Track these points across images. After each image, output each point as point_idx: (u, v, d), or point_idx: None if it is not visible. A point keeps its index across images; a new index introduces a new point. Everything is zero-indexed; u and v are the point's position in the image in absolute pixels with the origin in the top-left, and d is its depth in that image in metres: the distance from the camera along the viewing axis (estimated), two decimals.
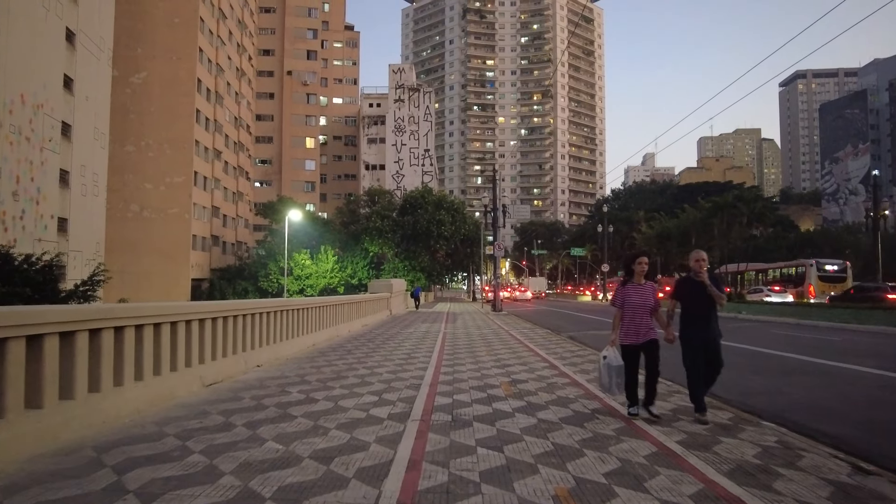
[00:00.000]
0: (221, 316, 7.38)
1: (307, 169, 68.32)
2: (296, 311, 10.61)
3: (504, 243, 26.94)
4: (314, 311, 11.83)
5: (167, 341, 6.03)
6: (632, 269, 5.42)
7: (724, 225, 30.32)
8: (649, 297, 5.35)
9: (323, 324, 12.60)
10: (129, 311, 5.32)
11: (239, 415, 5.28)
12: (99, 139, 36.38)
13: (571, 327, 18.67)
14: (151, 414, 5.23)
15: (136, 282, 43.74)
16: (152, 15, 44.62)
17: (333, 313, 13.53)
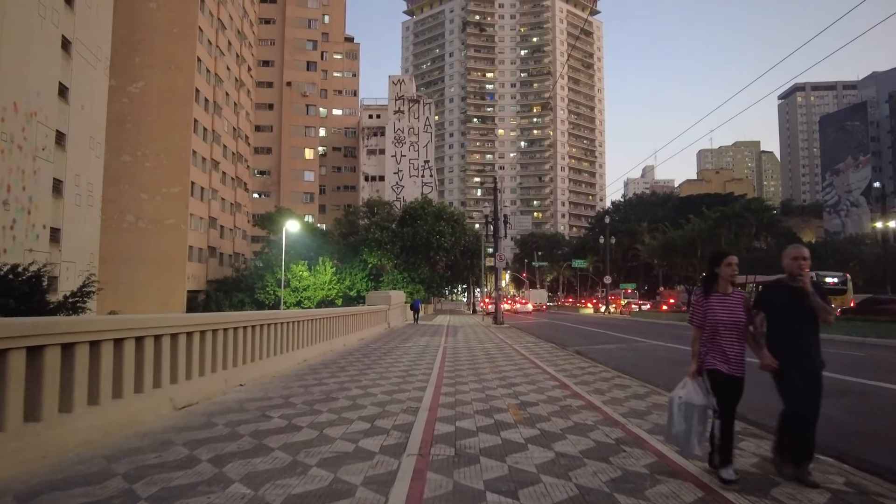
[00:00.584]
0: (198, 330, 6.66)
1: (306, 180, 67.79)
2: (285, 324, 9.88)
3: (504, 255, 26.25)
4: (306, 324, 11.10)
5: (131, 359, 5.30)
6: (716, 272, 4.04)
7: (731, 235, 29.65)
8: (740, 313, 3.91)
9: (316, 338, 11.87)
10: (79, 326, 4.60)
11: (207, 446, 4.54)
12: (94, 148, 35.84)
13: (577, 341, 17.92)
14: (104, 445, 4.49)
15: (130, 293, 42.98)
16: (151, 24, 44.32)
17: (327, 326, 12.79)
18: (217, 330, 7.21)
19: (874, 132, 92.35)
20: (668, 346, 15.93)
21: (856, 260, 53.98)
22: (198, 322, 6.71)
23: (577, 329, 25.45)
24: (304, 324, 11.00)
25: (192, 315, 6.73)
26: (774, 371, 3.84)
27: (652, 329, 24.65)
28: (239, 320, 7.93)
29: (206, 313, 6.90)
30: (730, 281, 3.99)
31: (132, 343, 5.31)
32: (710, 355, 3.92)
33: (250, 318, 8.38)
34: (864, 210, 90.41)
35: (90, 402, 4.72)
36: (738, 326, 3.88)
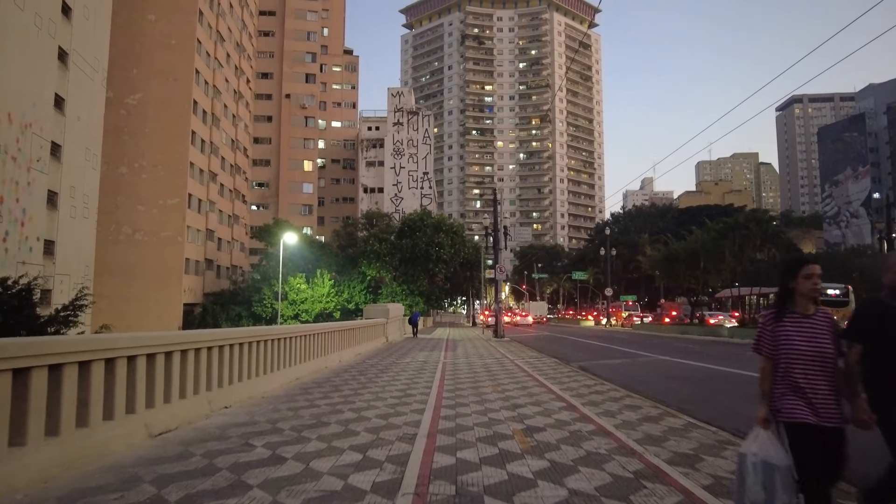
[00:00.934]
0: (178, 349, 6.18)
1: (305, 192, 67.50)
2: (276, 341, 9.39)
3: (505, 267, 25.79)
4: (299, 340, 10.61)
5: (99, 383, 4.83)
6: (792, 286, 3.07)
7: (736, 246, 29.21)
8: (826, 341, 2.95)
9: (309, 354, 11.36)
10: (35, 348, 4.11)
11: (177, 484, 4.05)
12: (91, 160, 35.51)
13: (580, 356, 17.40)
14: (60, 484, 4.00)
15: (126, 307, 42.45)
16: (149, 36, 44.21)
17: (322, 342, 12.29)
18: (200, 349, 6.73)
19: (873, 143, 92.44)
20: (675, 362, 15.42)
21: (858, 271, 53.57)
22: (178, 341, 6.23)
23: (579, 343, 24.93)
24: (297, 340, 10.51)
25: (172, 333, 6.26)
26: (881, 419, 2.89)
27: (655, 343, 24.14)
28: (225, 338, 7.44)
29: (188, 331, 6.42)
30: (811, 298, 3.03)
31: (101, 365, 4.84)
32: (786, 400, 2.94)
33: (238, 336, 7.90)
34: (864, 221, 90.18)
35: (49, 433, 4.23)
36: (824, 359, 2.92)
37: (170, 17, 44.75)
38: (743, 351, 19.22)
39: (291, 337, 10.12)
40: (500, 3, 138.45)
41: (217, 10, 50.39)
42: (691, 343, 23.84)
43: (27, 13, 27.77)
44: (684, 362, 15.11)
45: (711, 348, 20.75)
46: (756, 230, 28.83)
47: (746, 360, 15.80)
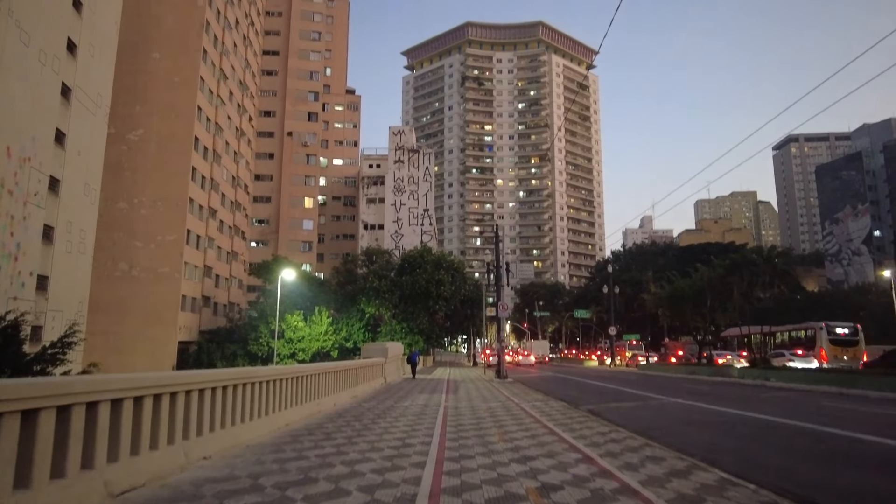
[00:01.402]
0: (150, 394, 5.52)
1: (305, 228, 67.25)
2: (265, 383, 8.68)
3: (507, 304, 25.11)
4: (290, 382, 9.88)
5: (47, 435, 4.16)
6: None
7: (744, 284, 28.52)
8: None
9: (301, 397, 10.61)
10: None
11: None
12: (89, 195, 35.26)
13: (588, 398, 16.56)
14: None
15: (119, 344, 41.53)
16: (153, 74, 44.71)
17: (315, 384, 11.54)
18: (177, 392, 6.05)
19: (871, 181, 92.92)
20: (690, 405, 14.59)
21: (864, 310, 52.73)
22: (150, 384, 5.57)
23: (585, 384, 24.00)
24: (288, 382, 9.78)
25: (143, 375, 5.59)
26: None
27: (664, 384, 23.23)
28: (205, 380, 6.76)
29: (162, 373, 5.77)
30: None
31: (51, 414, 4.18)
32: None
33: (220, 378, 7.21)
34: (866, 259, 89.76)
35: None
36: None
37: (174, 55, 45.37)
38: (756, 392, 18.38)
39: (281, 379, 9.41)
40: (500, 46, 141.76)
41: (221, 49, 51.20)
42: (701, 384, 22.94)
43: (32, 49, 27.95)
44: (699, 406, 14.28)
45: (723, 390, 19.88)
46: (765, 267, 28.16)
47: (762, 402, 14.98)
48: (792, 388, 19.12)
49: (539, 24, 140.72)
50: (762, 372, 21.89)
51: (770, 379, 20.66)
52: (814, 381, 19.20)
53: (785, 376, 20.62)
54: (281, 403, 9.39)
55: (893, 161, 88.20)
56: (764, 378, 20.85)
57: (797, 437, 9.33)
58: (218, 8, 50.42)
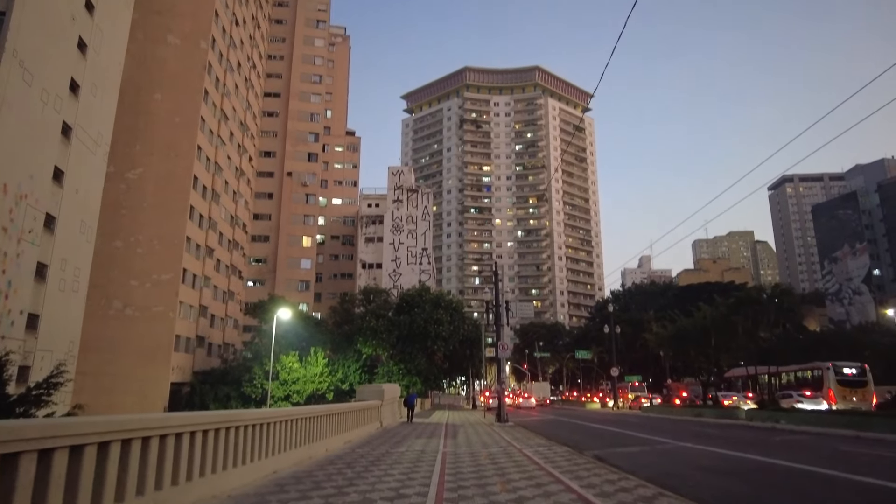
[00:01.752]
0: (118, 438, 5.01)
1: (303, 268, 66.86)
2: (251, 427, 8.12)
3: (507, 344, 24.44)
4: (278, 426, 9.30)
5: None
6: None
7: (749, 323, 27.94)
8: None
9: (291, 442, 10.00)
10: None
11: None
12: (85, 233, 35.01)
13: (593, 443, 15.84)
14: None
15: (110, 384, 40.54)
16: (154, 114, 45.19)
17: (306, 428, 10.92)
18: (150, 437, 5.53)
19: (867, 220, 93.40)
20: (701, 450, 13.90)
21: (868, 349, 51.97)
22: (118, 428, 5.06)
23: (588, 428, 23.17)
24: (277, 426, 9.20)
25: (107, 419, 5.10)
26: None
27: (670, 427, 22.42)
28: (184, 423, 6.25)
29: (130, 416, 5.22)
30: None
31: None
32: None
33: (201, 421, 6.69)
34: (867, 298, 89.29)
35: None
36: None
37: (176, 95, 45.98)
38: (767, 435, 17.64)
39: (269, 422, 8.84)
40: (497, 90, 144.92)
41: (222, 90, 51.99)
42: (708, 427, 22.14)
43: (34, 88, 28.19)
44: (711, 450, 13.60)
45: (732, 433, 19.13)
46: (770, 305, 27.65)
47: (775, 446, 14.31)
48: (804, 430, 18.39)
49: (535, 69, 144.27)
50: (772, 414, 21.12)
51: (780, 421, 19.91)
52: (826, 424, 18.48)
53: (796, 418, 19.87)
54: (268, 449, 8.80)
55: (889, 201, 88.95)
56: (774, 420, 20.09)
57: (817, 485, 8.73)
58: (220, 51, 51.47)
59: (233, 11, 55.12)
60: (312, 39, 73.28)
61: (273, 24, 72.93)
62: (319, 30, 74.60)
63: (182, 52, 47.52)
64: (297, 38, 72.47)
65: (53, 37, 29.63)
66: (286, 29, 73.21)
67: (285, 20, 73.40)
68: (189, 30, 48.16)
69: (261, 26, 67.13)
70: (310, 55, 72.63)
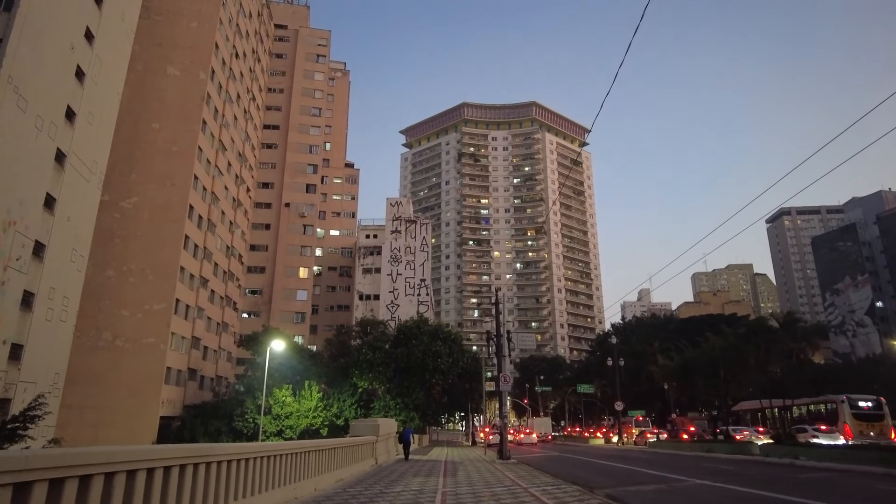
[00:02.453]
0: (59, 476, 4.15)
1: (298, 299, 65.79)
2: (224, 463, 7.19)
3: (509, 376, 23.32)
4: (259, 462, 8.35)
5: None
6: None
7: (760, 352, 26.87)
8: None
9: (274, 480, 9.02)
10: None
11: None
12: (76, 262, 34.21)
13: (603, 480, 14.74)
14: None
15: (97, 418, 39.14)
16: (151, 143, 44.97)
17: (292, 464, 9.94)
18: (92, 475, 4.65)
19: (868, 252, 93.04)
20: (721, 489, 12.84)
21: (878, 382, 50.78)
22: (54, 464, 4.20)
23: (595, 464, 21.94)
24: (257, 462, 8.25)
25: (44, 453, 4.26)
26: None
27: (681, 463, 21.23)
28: (139, 459, 5.36)
29: (73, 449, 4.36)
30: None
31: None
32: None
33: (161, 456, 5.80)
34: (871, 330, 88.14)
35: None
36: None
37: (174, 125, 45.88)
38: (788, 473, 16.52)
39: (248, 458, 7.90)
40: (495, 125, 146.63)
41: (221, 122, 52.00)
42: (722, 463, 20.93)
43: (29, 115, 27.85)
44: (733, 489, 12.54)
45: (749, 469, 17.99)
46: (783, 334, 26.64)
47: (802, 485, 13.26)
48: (828, 467, 17.25)
49: (532, 105, 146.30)
50: (790, 449, 19.94)
51: (799, 457, 18.75)
52: (850, 460, 17.35)
53: (816, 454, 18.70)
54: (248, 488, 7.84)
55: (888, 232, 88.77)
56: (792, 456, 18.92)
57: None
58: (220, 82, 51.71)
59: (233, 44, 55.68)
60: (312, 73, 74.04)
61: (273, 57, 73.82)
62: (319, 64, 75.49)
63: (181, 82, 47.67)
64: (297, 71, 73.24)
65: (51, 65, 29.48)
66: (286, 63, 74.07)
67: (285, 54, 74.33)
68: (189, 61, 48.44)
69: (261, 60, 67.87)
70: (310, 88, 73.26)
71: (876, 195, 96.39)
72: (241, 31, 58.25)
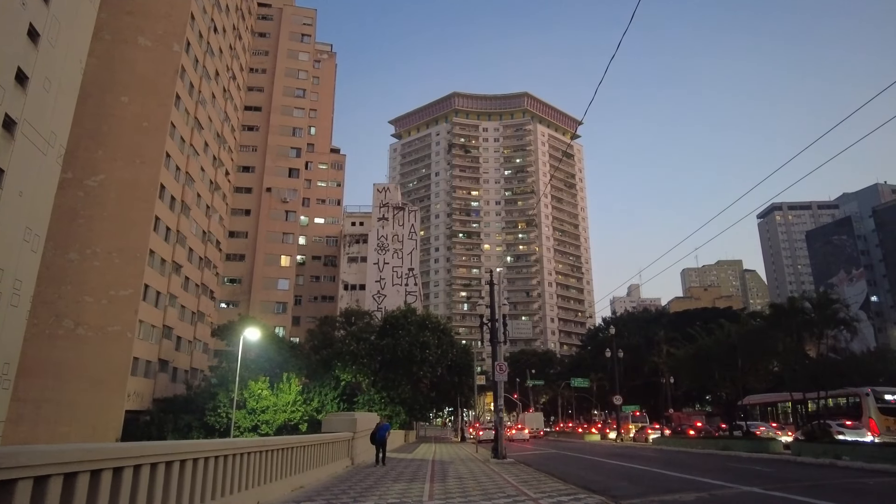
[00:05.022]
0: None
1: (280, 289, 62.76)
2: (139, 468, 4.50)
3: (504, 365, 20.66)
4: (186, 468, 5.64)
5: None
6: None
7: (792, 338, 24.43)
8: None
9: (195, 494, 6.34)
10: None
11: None
12: (31, 241, 31.00)
13: (624, 486, 12.22)
14: None
15: (55, 413, 36.12)
16: (119, 118, 41.76)
17: (235, 470, 7.26)
18: None
19: (863, 246, 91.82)
20: (782, 499, 10.31)
21: (883, 376, 49.16)
22: None
23: (603, 464, 19.45)
24: (159, 471, 5.56)
25: None
26: None
27: (702, 463, 18.80)
28: None
29: None
30: None
31: None
32: None
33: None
34: (866, 325, 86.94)
35: None
36: None
37: (145, 99, 42.69)
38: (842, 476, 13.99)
39: (171, 460, 5.20)
40: (486, 116, 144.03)
41: (197, 98, 48.81)
42: (748, 462, 18.47)
43: None
44: (804, 500, 10.00)
45: (792, 471, 15.54)
46: (817, 316, 24.18)
47: (882, 493, 10.89)
48: (877, 468, 14.85)
49: (524, 95, 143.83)
50: (829, 448, 17.51)
51: (842, 457, 16.37)
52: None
53: (864, 454, 16.19)
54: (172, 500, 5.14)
55: (884, 225, 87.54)
56: (833, 456, 16.53)
57: None
58: (196, 56, 48.50)
59: (211, 18, 52.40)
60: (297, 53, 70.83)
61: (256, 36, 70.47)
62: (304, 44, 72.26)
63: (153, 54, 44.43)
64: (281, 51, 69.99)
65: None
66: (270, 42, 70.78)
67: (269, 33, 71.02)
68: (162, 32, 45.21)
69: (242, 38, 64.56)
70: (293, 69, 70.05)
71: (871, 188, 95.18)
72: (220, 4, 54.97)
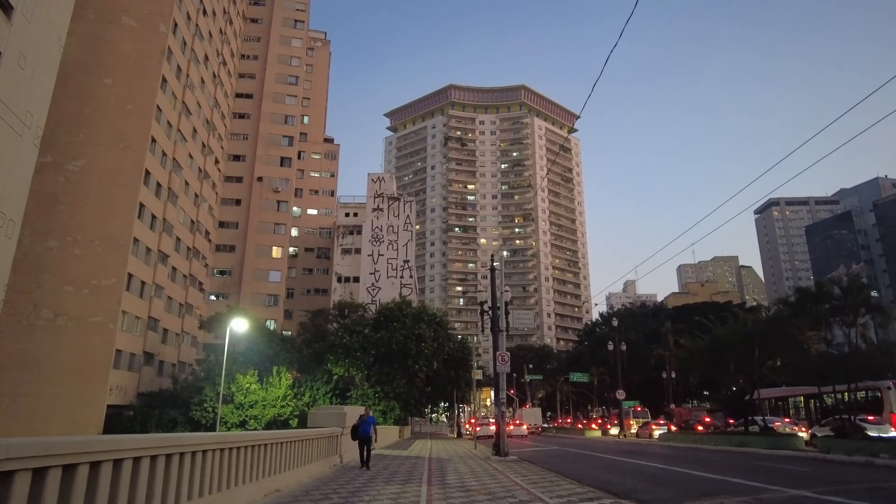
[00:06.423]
0: None
1: (271, 280, 61.10)
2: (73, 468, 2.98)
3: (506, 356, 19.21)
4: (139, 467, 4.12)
5: None
6: None
7: (821, 326, 23.13)
8: None
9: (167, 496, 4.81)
10: None
11: None
12: (5, 226, 29.22)
13: (650, 489, 10.75)
14: None
15: (32, 407, 34.44)
16: (102, 100, 39.94)
17: (197, 470, 5.73)
18: None
19: (863, 240, 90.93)
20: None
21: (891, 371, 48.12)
22: None
23: (615, 462, 18.03)
24: (102, 471, 4.04)
25: None
26: None
27: (724, 461, 17.42)
28: None
29: None
30: None
31: None
32: None
33: None
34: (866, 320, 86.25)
35: None
36: None
37: (129, 81, 40.88)
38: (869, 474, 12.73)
39: (115, 458, 3.68)
40: (483, 109, 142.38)
41: (185, 82, 47.00)
42: (775, 460, 17.01)
43: None
44: None
45: (827, 470, 14.10)
46: (847, 301, 22.86)
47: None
48: None
49: (521, 88, 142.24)
50: (864, 445, 16.13)
51: (880, 454, 15.00)
52: None
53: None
54: None
55: (885, 220, 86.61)
56: (869, 454, 15.16)
57: None
58: (184, 38, 46.67)
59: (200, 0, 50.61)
60: (290, 40, 69.00)
61: (248, 22, 68.58)
62: (297, 30, 70.43)
63: (138, 34, 42.58)
64: (273, 37, 68.14)
65: None
66: (262, 28, 68.90)
67: (261, 19, 69.16)
68: (147, 11, 43.34)
69: (233, 22, 62.67)
70: (286, 55, 68.23)
71: (872, 182, 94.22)
72: None
